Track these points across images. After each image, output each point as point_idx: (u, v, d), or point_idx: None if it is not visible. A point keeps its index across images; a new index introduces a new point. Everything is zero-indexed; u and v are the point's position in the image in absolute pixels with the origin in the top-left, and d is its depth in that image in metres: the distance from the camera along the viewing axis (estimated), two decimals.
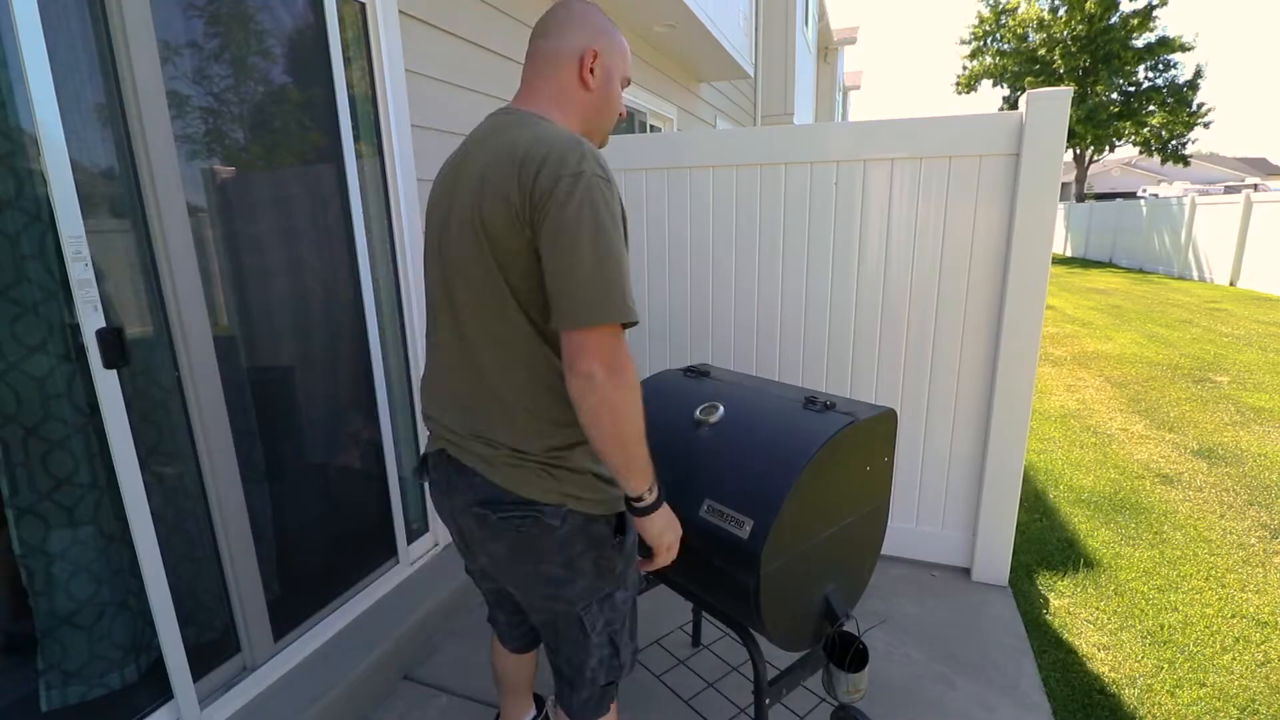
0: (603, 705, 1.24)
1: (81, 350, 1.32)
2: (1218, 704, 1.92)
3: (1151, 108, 19.78)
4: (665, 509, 1.08)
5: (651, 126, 5.13)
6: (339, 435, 2.07)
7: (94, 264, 1.31)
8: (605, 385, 0.94)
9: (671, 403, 1.61)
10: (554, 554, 1.08)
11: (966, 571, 2.52)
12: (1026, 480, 3.47)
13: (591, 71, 1.09)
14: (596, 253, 0.93)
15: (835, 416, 1.38)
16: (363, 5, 2.04)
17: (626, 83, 1.16)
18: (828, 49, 14.73)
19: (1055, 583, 2.55)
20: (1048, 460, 3.84)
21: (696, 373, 1.76)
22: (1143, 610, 2.38)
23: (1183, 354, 6.33)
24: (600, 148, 1.14)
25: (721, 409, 1.49)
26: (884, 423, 1.46)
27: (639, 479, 1.02)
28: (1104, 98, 19.72)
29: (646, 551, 1.13)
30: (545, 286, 0.97)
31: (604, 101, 1.12)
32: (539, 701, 1.76)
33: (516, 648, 1.43)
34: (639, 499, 1.04)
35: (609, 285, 0.93)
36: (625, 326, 0.96)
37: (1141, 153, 21.38)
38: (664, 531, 1.08)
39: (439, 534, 2.49)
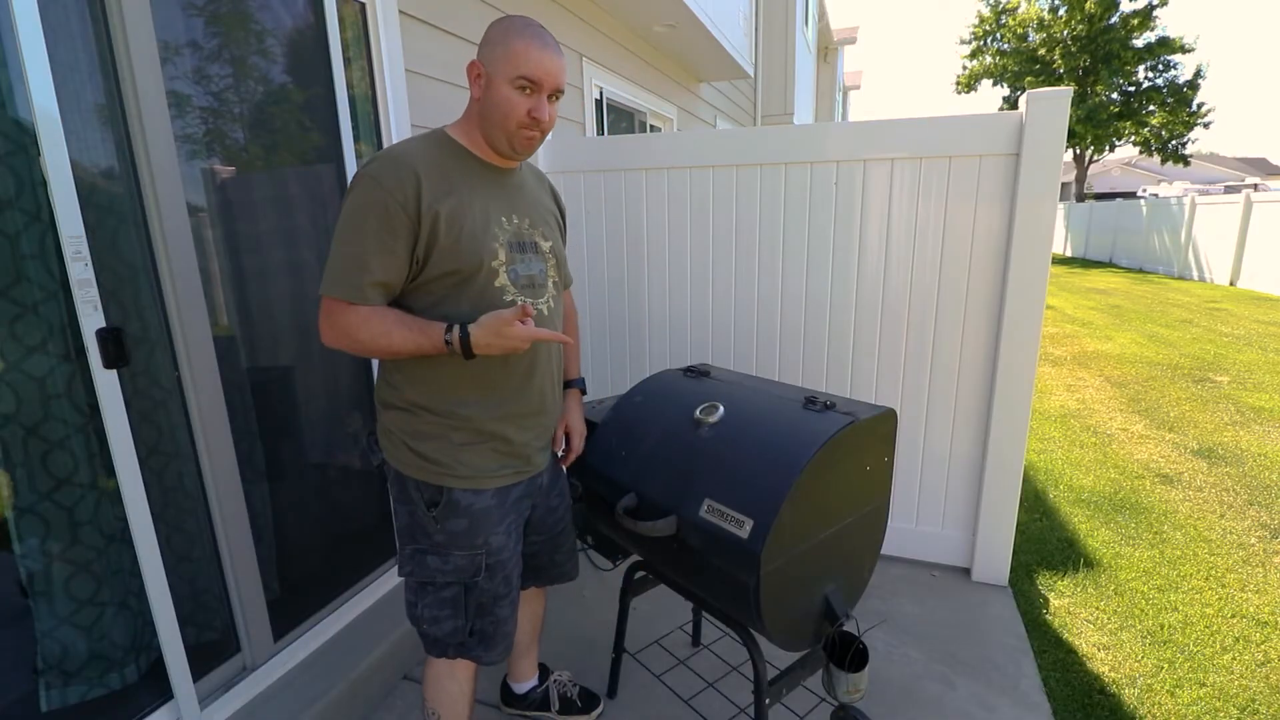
0: (429, 646, 1.38)
1: (81, 350, 1.32)
2: (1218, 704, 1.92)
3: (1151, 108, 19.77)
4: (476, 333, 1.17)
5: (651, 126, 5.13)
6: (339, 435, 2.07)
7: (94, 264, 1.31)
8: (332, 341, 1.20)
9: (671, 403, 1.61)
10: (391, 488, 1.35)
11: (966, 571, 2.52)
12: (1026, 480, 3.47)
13: (478, 81, 1.23)
14: (334, 238, 1.18)
15: (835, 416, 1.38)
16: (363, 5, 2.04)
17: (528, 83, 1.19)
18: (828, 49, 14.72)
19: (1055, 583, 2.55)
20: (1048, 460, 3.84)
21: (696, 373, 1.76)
22: (1143, 610, 2.38)
23: (1183, 354, 6.33)
24: (519, 152, 1.27)
25: (721, 409, 1.49)
26: (884, 423, 1.46)
27: (428, 348, 1.18)
28: (1104, 98, 19.72)
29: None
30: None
31: (489, 106, 1.22)
32: (545, 672, 1.84)
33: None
34: (451, 350, 1.18)
35: (329, 265, 1.17)
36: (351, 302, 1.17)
37: (1141, 153, 21.37)
38: (489, 345, 1.17)
39: None
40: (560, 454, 1.58)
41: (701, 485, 1.38)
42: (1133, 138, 20.49)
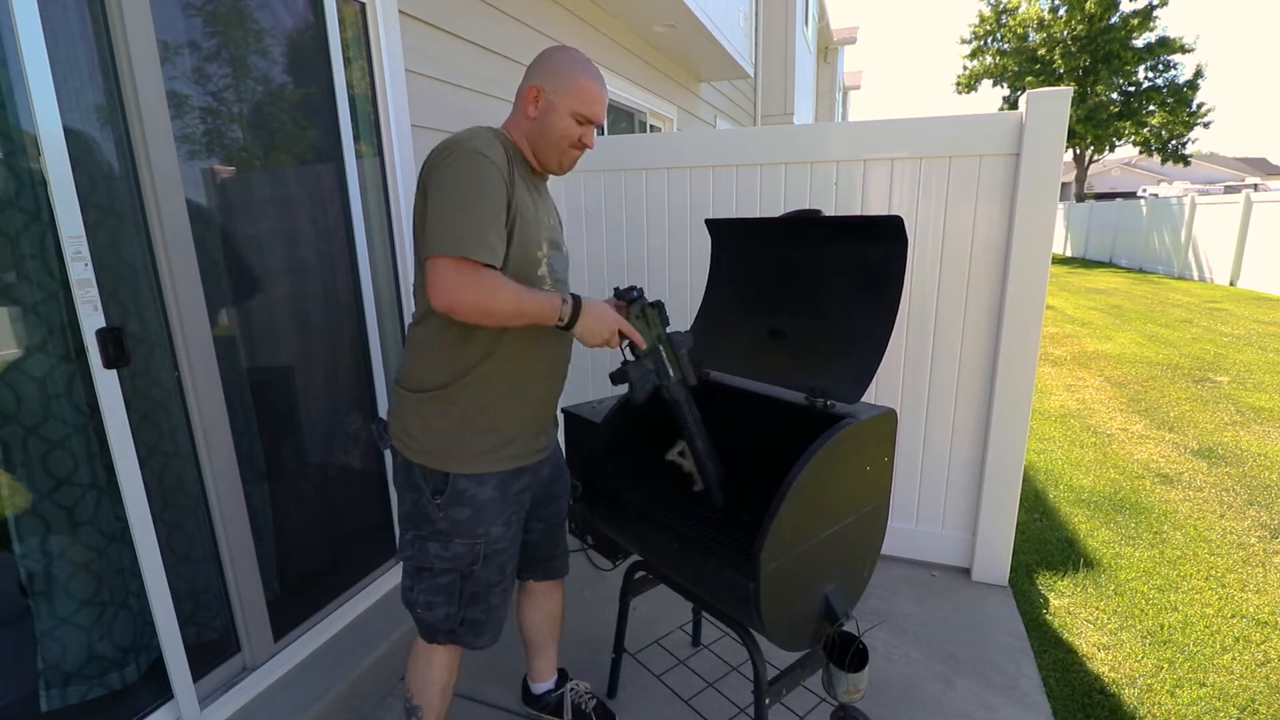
0: (422, 630, 1.43)
1: (81, 350, 1.32)
2: (1218, 704, 1.92)
3: (1151, 108, 19.75)
4: (584, 316, 1.25)
5: (651, 126, 5.13)
6: (339, 435, 2.07)
7: (94, 264, 1.31)
8: (458, 303, 1.18)
9: None
10: (396, 475, 1.39)
11: (966, 571, 2.52)
12: (1026, 480, 3.47)
13: (535, 104, 1.32)
14: (445, 202, 1.18)
15: (835, 416, 1.38)
16: (363, 5, 2.04)
17: (585, 119, 1.32)
18: (828, 49, 14.72)
19: (1055, 583, 2.55)
20: (1048, 460, 3.84)
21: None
22: (1143, 610, 2.38)
23: (1183, 354, 6.33)
24: (564, 168, 1.39)
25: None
26: (884, 423, 1.46)
27: (547, 314, 1.22)
28: (1104, 98, 19.70)
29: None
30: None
31: (545, 127, 1.32)
32: (564, 677, 1.84)
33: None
34: (559, 318, 1.24)
35: (450, 227, 1.17)
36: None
37: (1141, 153, 21.36)
38: (591, 325, 1.26)
39: None
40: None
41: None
42: (1133, 138, 20.47)
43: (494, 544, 1.36)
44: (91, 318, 1.31)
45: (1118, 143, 21.14)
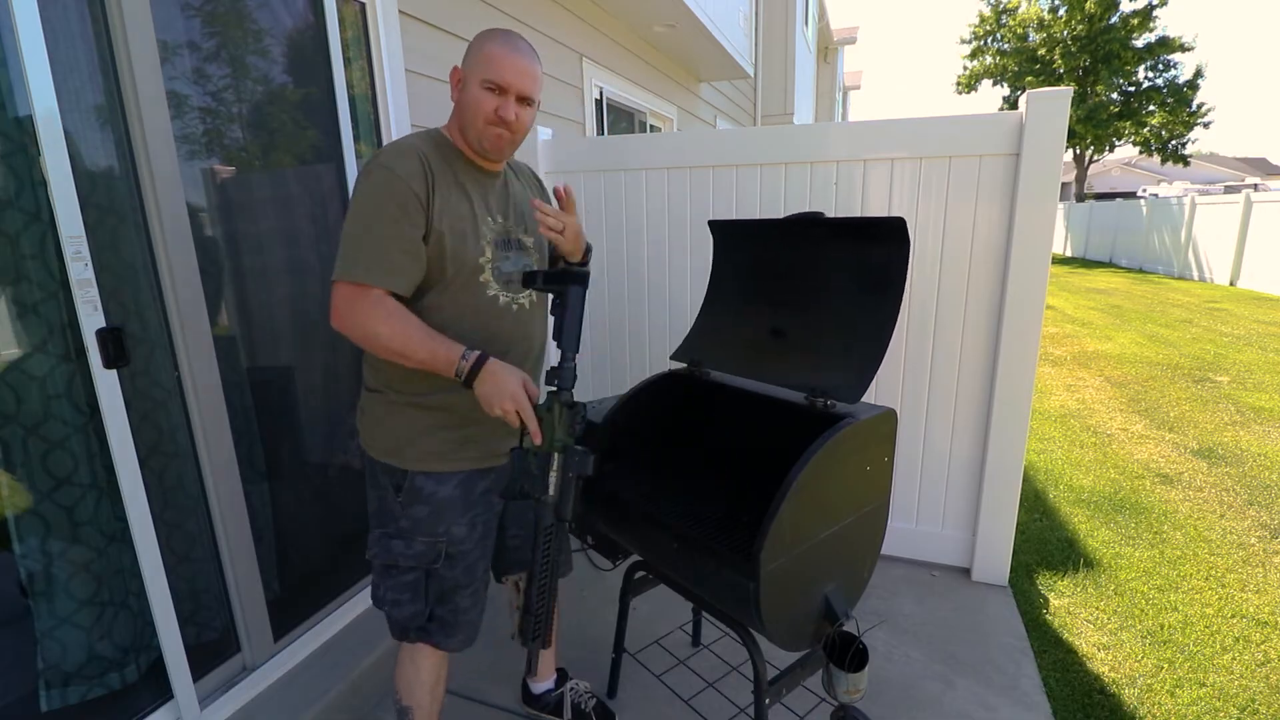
0: (392, 629, 1.41)
1: (81, 350, 1.32)
2: (1218, 704, 1.92)
3: (1151, 108, 19.76)
4: (484, 377, 1.16)
5: (651, 126, 5.13)
6: (339, 435, 2.07)
7: (94, 264, 1.30)
8: (346, 328, 1.21)
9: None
10: (365, 473, 1.40)
11: (966, 571, 2.51)
12: (1026, 480, 3.47)
13: (458, 85, 1.31)
14: (349, 225, 1.20)
15: (835, 416, 1.38)
16: (363, 5, 2.04)
17: (494, 86, 1.25)
18: (828, 49, 14.72)
19: (1055, 583, 2.55)
20: (1048, 460, 3.84)
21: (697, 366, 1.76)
22: (1143, 610, 2.38)
23: (1183, 354, 6.33)
24: (489, 151, 1.30)
25: None
26: (884, 423, 1.46)
27: (440, 363, 1.17)
28: (1104, 98, 19.71)
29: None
30: None
31: (463, 105, 1.29)
32: (563, 677, 1.85)
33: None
34: (456, 373, 1.17)
35: (347, 251, 1.20)
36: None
37: (1141, 153, 21.36)
38: (488, 391, 1.16)
39: None
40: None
41: None
42: (1133, 138, 20.48)
43: (457, 544, 1.34)
44: (91, 318, 1.31)
45: (1118, 143, 21.15)
